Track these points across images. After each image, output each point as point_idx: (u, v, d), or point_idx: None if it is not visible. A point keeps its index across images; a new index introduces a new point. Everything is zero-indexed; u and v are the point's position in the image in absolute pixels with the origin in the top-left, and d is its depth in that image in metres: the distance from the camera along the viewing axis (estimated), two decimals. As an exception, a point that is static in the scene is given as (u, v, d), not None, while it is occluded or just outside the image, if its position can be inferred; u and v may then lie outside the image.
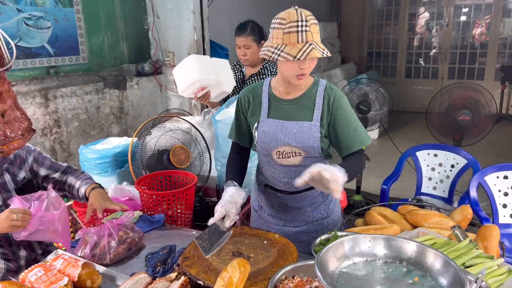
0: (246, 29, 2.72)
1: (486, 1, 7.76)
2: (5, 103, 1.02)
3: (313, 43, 1.49)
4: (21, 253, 1.72)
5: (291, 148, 1.66)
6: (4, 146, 1.02)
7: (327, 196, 1.81)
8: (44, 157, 1.84)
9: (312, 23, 1.51)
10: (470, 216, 1.85)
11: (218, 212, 1.50)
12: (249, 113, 1.76)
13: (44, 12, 3.39)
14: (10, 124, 1.04)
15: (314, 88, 1.68)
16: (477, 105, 3.50)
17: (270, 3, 6.12)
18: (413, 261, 1.01)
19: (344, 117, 1.64)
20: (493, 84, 7.64)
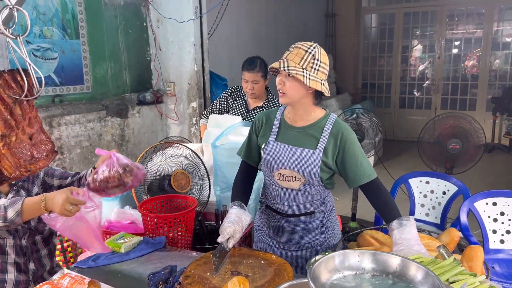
0: (256, 65, 2.88)
1: (475, 35, 8.06)
2: (33, 127, 1.13)
3: (283, 59, 1.67)
4: (30, 266, 1.80)
5: (291, 172, 1.77)
6: (31, 165, 1.13)
7: (325, 224, 1.89)
8: (54, 169, 1.96)
9: (296, 47, 1.68)
10: (457, 238, 1.93)
11: (226, 232, 1.61)
12: (261, 134, 1.89)
13: (52, 43, 3.55)
14: (37, 146, 1.15)
15: (324, 120, 1.79)
16: (467, 134, 3.64)
17: (268, 36, 6.37)
18: (398, 274, 1.10)
19: (351, 151, 1.74)
20: (484, 114, 7.85)
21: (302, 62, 1.65)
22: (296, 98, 1.72)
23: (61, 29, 3.62)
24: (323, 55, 1.70)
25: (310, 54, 1.65)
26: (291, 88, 1.69)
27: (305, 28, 7.56)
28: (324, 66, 1.70)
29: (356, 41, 8.83)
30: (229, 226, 1.64)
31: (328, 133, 1.76)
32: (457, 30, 8.27)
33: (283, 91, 1.71)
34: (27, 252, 1.79)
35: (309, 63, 1.65)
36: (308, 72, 1.65)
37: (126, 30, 4.21)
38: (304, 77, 1.63)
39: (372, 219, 4.27)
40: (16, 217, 1.53)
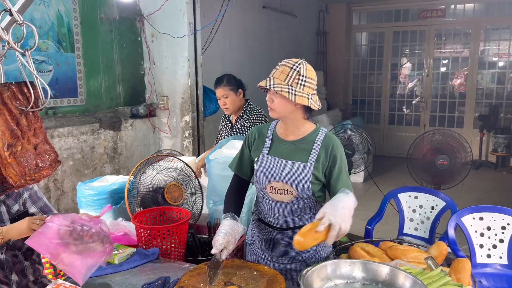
0: (223, 80, 3.07)
1: (462, 54, 8.27)
2: (38, 137, 1.17)
3: (269, 77, 1.75)
4: (13, 278, 1.79)
5: (283, 185, 1.81)
6: (36, 174, 1.16)
7: None
8: (39, 198, 1.93)
9: (282, 65, 1.75)
10: (446, 252, 1.98)
11: (219, 244, 1.64)
12: (253, 148, 1.94)
13: (47, 56, 3.59)
14: (41, 155, 1.18)
15: (314, 134, 1.85)
16: (454, 151, 3.72)
17: (260, 51, 6.47)
18: (387, 283, 1.14)
19: (338, 164, 1.80)
20: (472, 132, 8.00)
21: (287, 79, 1.71)
22: (285, 113, 1.78)
23: (56, 42, 3.66)
24: (309, 70, 1.76)
25: (295, 71, 1.71)
26: (279, 104, 1.75)
27: (297, 45, 7.69)
28: (311, 81, 1.75)
29: (347, 58, 8.99)
30: (222, 238, 1.67)
31: (319, 146, 1.81)
32: (445, 49, 8.48)
33: (272, 108, 1.77)
34: (7, 265, 1.77)
35: (294, 79, 1.71)
36: (293, 88, 1.70)
37: (120, 44, 4.26)
38: (290, 94, 1.69)
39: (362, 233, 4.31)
40: None
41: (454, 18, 8.22)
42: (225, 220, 1.79)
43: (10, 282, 1.79)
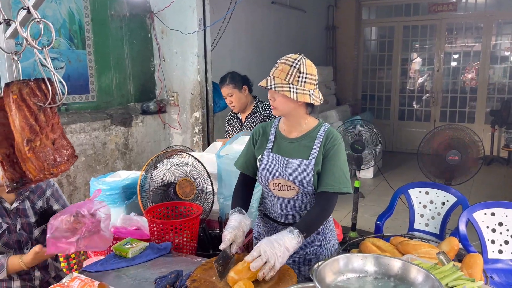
0: (226, 79, 3.09)
1: (474, 48, 8.18)
2: (55, 133, 1.19)
3: (270, 76, 1.74)
4: (36, 274, 1.84)
5: (285, 182, 1.83)
6: (54, 168, 1.19)
7: (321, 232, 1.93)
8: (60, 195, 2.04)
9: (281, 62, 1.74)
10: (457, 247, 1.98)
11: (227, 238, 1.67)
12: (257, 145, 1.96)
13: (59, 53, 3.63)
14: (59, 150, 1.21)
15: (316, 130, 1.85)
16: (465, 146, 3.69)
17: (269, 47, 6.47)
18: (400, 277, 1.15)
19: (332, 158, 1.78)
20: (483, 127, 7.92)
21: (288, 77, 1.70)
22: (287, 111, 1.79)
23: (68, 40, 3.70)
24: (308, 66, 1.75)
25: (295, 69, 1.70)
26: (281, 103, 1.76)
27: (305, 40, 7.67)
28: (311, 76, 1.75)
29: (356, 53, 8.94)
30: (230, 232, 1.70)
31: (320, 142, 1.82)
32: (456, 43, 8.39)
33: (274, 106, 1.78)
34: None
35: (294, 77, 1.70)
36: (294, 86, 1.70)
37: (131, 41, 4.29)
38: (291, 92, 1.69)
39: (371, 229, 4.32)
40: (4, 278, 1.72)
41: (466, 12, 8.12)
42: (232, 215, 1.82)
43: (33, 278, 1.84)
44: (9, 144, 1.22)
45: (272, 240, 1.58)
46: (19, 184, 1.22)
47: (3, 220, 1.76)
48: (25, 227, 1.82)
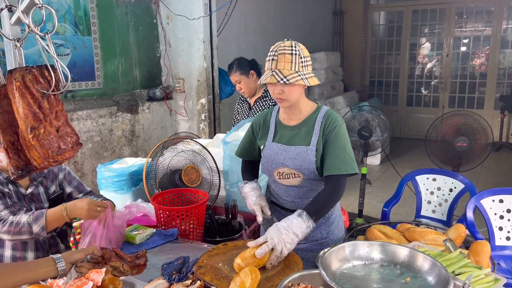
0: (233, 66, 3.12)
1: (484, 33, 8.03)
2: (59, 120, 1.19)
3: (274, 71, 1.67)
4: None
5: (289, 170, 1.83)
6: (59, 156, 1.19)
7: (328, 218, 1.93)
8: (73, 177, 2.06)
9: (280, 53, 1.67)
10: (464, 234, 1.97)
11: (256, 210, 1.79)
12: (259, 136, 1.96)
13: (65, 40, 3.62)
14: (63, 138, 1.21)
15: (315, 114, 1.83)
16: (474, 132, 3.65)
17: (276, 33, 6.40)
18: (406, 264, 1.14)
19: (334, 140, 1.76)
20: (492, 113, 7.82)
21: (293, 66, 1.67)
22: (296, 99, 1.77)
23: (73, 26, 3.68)
24: (304, 49, 1.72)
25: (297, 55, 1.68)
26: (291, 93, 1.73)
27: (312, 26, 7.58)
28: (309, 59, 1.74)
29: (364, 38, 8.82)
30: (254, 204, 1.80)
31: (319, 126, 1.80)
32: (466, 28, 8.24)
33: (284, 98, 1.74)
34: (45, 246, 1.86)
35: (299, 64, 1.68)
36: (302, 73, 1.68)
37: (136, 27, 4.26)
38: (304, 80, 1.67)
39: (378, 216, 4.31)
40: (41, 231, 1.68)
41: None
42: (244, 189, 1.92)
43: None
44: (13, 131, 1.22)
45: (280, 227, 1.56)
46: (24, 171, 1.23)
47: (21, 203, 1.78)
48: None
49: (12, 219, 1.67)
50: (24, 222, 1.66)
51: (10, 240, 1.67)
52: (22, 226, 1.65)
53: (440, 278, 1.04)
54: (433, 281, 1.06)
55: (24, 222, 1.66)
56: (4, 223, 1.65)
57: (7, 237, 1.65)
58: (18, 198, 1.79)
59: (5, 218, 1.67)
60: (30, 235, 1.66)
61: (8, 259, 1.80)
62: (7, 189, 1.74)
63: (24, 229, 1.65)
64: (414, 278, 1.10)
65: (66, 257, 1.23)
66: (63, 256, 1.23)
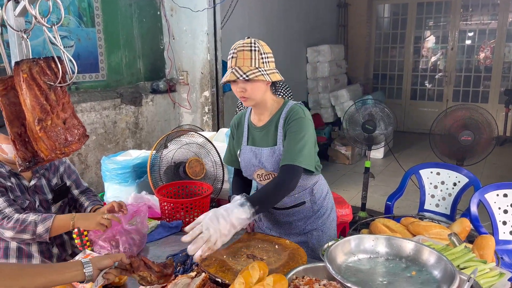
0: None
1: (490, 26, 7.96)
2: (66, 112, 1.19)
3: (234, 68, 1.64)
4: (54, 251, 1.88)
5: (266, 171, 1.81)
6: (66, 148, 1.19)
7: (318, 211, 1.93)
8: (73, 171, 2.06)
9: (239, 50, 1.64)
10: (469, 228, 1.97)
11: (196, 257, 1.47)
12: (235, 140, 1.94)
13: (68, 31, 3.61)
14: (70, 130, 1.21)
15: (279, 112, 1.79)
16: (479, 126, 3.63)
17: (279, 26, 6.36)
18: (411, 258, 1.14)
19: (291, 132, 1.70)
20: (497, 107, 7.78)
21: (253, 62, 1.64)
22: (260, 96, 1.72)
23: (77, 17, 3.67)
24: (264, 45, 1.70)
25: (256, 51, 1.65)
26: (254, 91, 1.68)
27: (316, 18, 7.53)
28: (271, 55, 1.71)
29: (368, 31, 8.77)
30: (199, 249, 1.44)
31: (282, 123, 1.76)
32: (471, 21, 8.17)
33: (247, 96, 1.69)
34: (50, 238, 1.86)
35: (259, 60, 1.65)
36: (262, 69, 1.65)
37: (140, 18, 4.25)
38: (264, 75, 1.64)
39: (381, 209, 4.31)
40: (44, 233, 1.68)
41: (482, -12, 7.89)
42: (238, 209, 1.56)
43: (52, 256, 1.88)
44: (20, 123, 1.22)
45: (219, 215, 1.44)
46: (31, 163, 1.23)
47: (24, 196, 1.79)
48: (43, 204, 1.86)
49: (18, 217, 1.67)
50: (31, 220, 1.66)
51: (12, 237, 1.67)
52: (28, 224, 1.65)
53: (446, 272, 1.04)
54: (438, 275, 1.06)
55: (31, 221, 1.66)
56: (9, 220, 1.65)
57: (10, 234, 1.65)
58: (21, 191, 1.79)
59: (10, 216, 1.67)
60: (32, 235, 1.66)
61: (14, 251, 1.81)
62: (9, 183, 1.74)
63: (29, 227, 1.65)
64: (419, 272, 1.10)
65: (94, 262, 1.22)
66: (91, 261, 1.22)
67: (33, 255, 1.84)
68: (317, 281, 1.40)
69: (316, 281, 1.40)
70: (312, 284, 1.37)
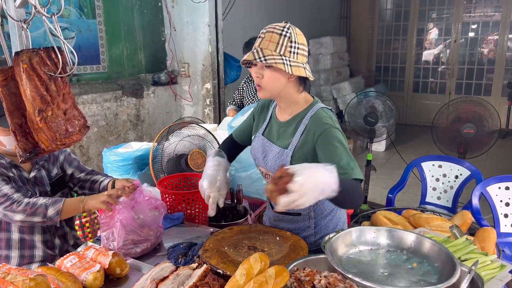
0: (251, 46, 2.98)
1: (493, 18, 7.90)
2: (67, 103, 1.19)
3: (256, 49, 1.47)
4: (56, 242, 1.89)
5: (266, 171, 1.69)
6: (66, 139, 1.19)
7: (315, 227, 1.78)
8: (73, 159, 2.05)
9: (268, 31, 1.47)
10: (470, 221, 1.97)
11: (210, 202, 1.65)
12: (255, 123, 1.83)
13: (69, 23, 3.59)
14: (71, 121, 1.21)
15: (304, 112, 1.60)
16: (481, 119, 3.62)
17: (281, 17, 6.32)
18: (412, 250, 1.14)
19: (327, 149, 1.47)
20: (500, 100, 7.75)
21: (279, 48, 1.45)
22: (276, 90, 1.54)
23: (78, 9, 3.65)
24: (299, 35, 1.50)
25: (286, 37, 1.45)
26: (270, 80, 1.50)
27: (319, 10, 7.48)
28: (303, 47, 1.51)
29: (371, 23, 8.71)
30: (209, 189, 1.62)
31: (303, 128, 1.56)
32: (475, 13, 8.11)
33: (261, 85, 1.52)
34: (51, 229, 1.87)
35: (286, 48, 1.45)
36: (287, 58, 1.46)
37: (141, 10, 4.22)
38: (285, 65, 1.44)
39: (383, 202, 4.31)
40: (55, 216, 1.67)
41: (486, -20, 7.81)
42: (209, 159, 1.73)
43: (54, 246, 1.89)
44: (21, 114, 1.22)
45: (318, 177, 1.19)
46: (32, 154, 1.23)
47: (25, 188, 1.79)
48: (43, 195, 1.86)
49: (28, 200, 1.67)
50: (42, 203, 1.67)
51: (22, 221, 1.65)
52: (39, 207, 1.65)
53: (447, 264, 1.04)
54: (439, 266, 1.06)
55: (42, 203, 1.66)
56: (19, 204, 1.65)
57: (21, 217, 1.64)
58: (22, 182, 1.79)
59: (20, 200, 1.67)
60: (43, 218, 1.66)
61: (16, 242, 1.82)
62: (11, 173, 1.75)
63: (40, 210, 1.65)
64: (420, 264, 1.10)
65: None
66: None
67: (36, 246, 1.85)
68: (318, 272, 1.41)
69: (317, 272, 1.41)
70: (313, 276, 1.37)
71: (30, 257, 1.84)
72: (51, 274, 1.38)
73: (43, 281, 1.28)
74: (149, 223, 1.76)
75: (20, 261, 1.82)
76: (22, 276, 1.26)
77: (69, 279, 1.38)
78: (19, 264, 1.82)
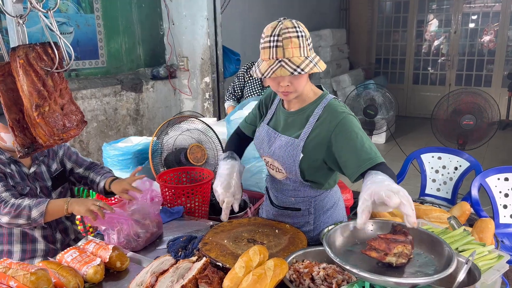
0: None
1: (494, 9, 7.86)
2: (64, 98, 1.19)
3: (283, 60, 1.38)
4: (57, 236, 1.90)
5: (273, 161, 1.66)
6: (64, 134, 1.19)
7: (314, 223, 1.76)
8: (72, 152, 2.05)
9: (285, 37, 1.37)
10: (469, 212, 1.98)
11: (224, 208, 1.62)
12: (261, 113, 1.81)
13: (67, 18, 3.58)
14: (68, 116, 1.21)
15: (316, 103, 1.58)
16: (481, 110, 3.62)
17: (280, 10, 6.29)
18: (410, 241, 1.15)
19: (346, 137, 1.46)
20: (500, 91, 7.73)
21: (302, 51, 1.40)
22: (302, 89, 1.53)
23: (76, 3, 3.64)
24: (305, 28, 1.46)
25: (303, 37, 1.40)
26: (301, 83, 1.48)
27: (318, 2, 7.45)
28: (310, 38, 1.46)
29: (370, 15, 8.67)
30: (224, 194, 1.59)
31: (315, 119, 1.54)
32: (475, 3, 8.06)
33: (291, 90, 1.49)
34: (52, 223, 1.88)
35: (306, 48, 1.41)
36: (311, 58, 1.43)
37: (139, 4, 4.21)
38: (316, 67, 1.42)
39: (383, 194, 4.32)
40: (39, 217, 1.65)
41: (486, -30, 7.76)
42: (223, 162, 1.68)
43: (56, 241, 1.90)
44: (18, 109, 1.22)
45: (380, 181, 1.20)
46: (30, 149, 1.23)
47: (24, 183, 1.80)
48: (44, 190, 1.87)
49: (14, 202, 1.66)
50: (26, 205, 1.65)
51: (8, 223, 1.65)
52: (23, 209, 1.64)
53: (444, 255, 1.04)
54: (436, 258, 1.07)
55: (25, 205, 1.65)
56: (6, 205, 1.64)
57: (6, 219, 1.64)
58: (22, 178, 1.79)
59: (7, 200, 1.66)
60: (27, 220, 1.64)
61: (18, 237, 1.83)
62: (9, 170, 1.75)
63: (24, 212, 1.64)
64: (418, 255, 1.11)
65: None
66: None
67: (37, 240, 1.86)
68: (317, 264, 1.42)
69: (316, 264, 1.42)
70: (311, 268, 1.38)
71: (32, 251, 1.86)
72: (52, 268, 1.40)
73: (44, 275, 1.29)
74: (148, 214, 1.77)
75: (22, 255, 1.84)
76: (23, 271, 1.28)
77: (70, 273, 1.39)
78: (22, 259, 1.83)
